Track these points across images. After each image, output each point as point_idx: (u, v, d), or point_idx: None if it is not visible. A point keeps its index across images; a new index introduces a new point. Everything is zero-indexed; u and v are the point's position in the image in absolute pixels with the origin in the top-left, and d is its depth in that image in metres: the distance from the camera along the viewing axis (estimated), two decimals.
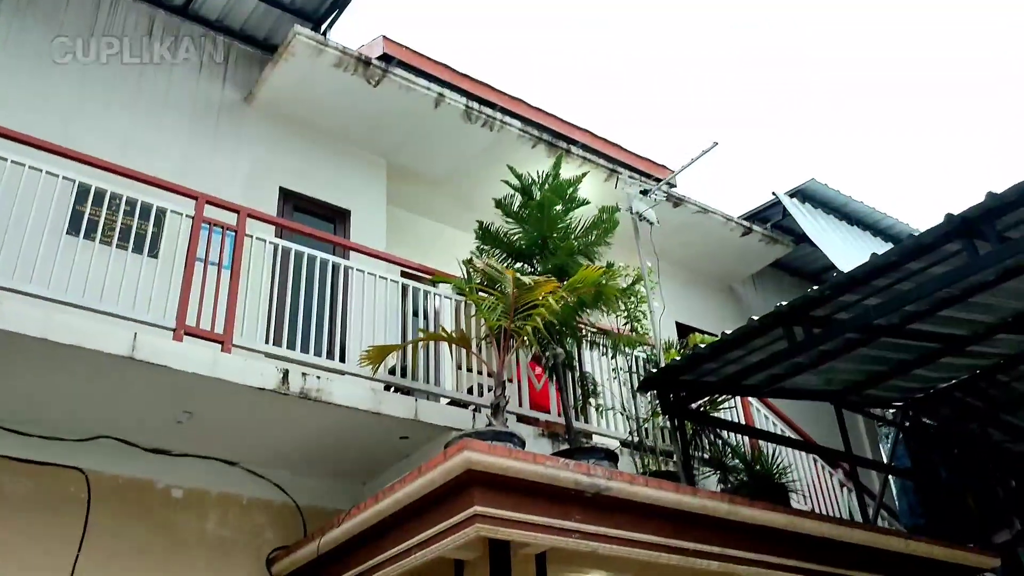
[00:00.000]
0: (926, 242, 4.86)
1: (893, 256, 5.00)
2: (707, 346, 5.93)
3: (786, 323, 5.51)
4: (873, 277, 5.20)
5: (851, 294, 5.39)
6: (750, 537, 5.97)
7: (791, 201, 10.85)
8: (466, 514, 4.79)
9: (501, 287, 5.90)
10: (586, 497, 5.19)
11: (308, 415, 6.08)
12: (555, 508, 5.08)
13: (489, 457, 4.82)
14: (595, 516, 5.22)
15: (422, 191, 9.77)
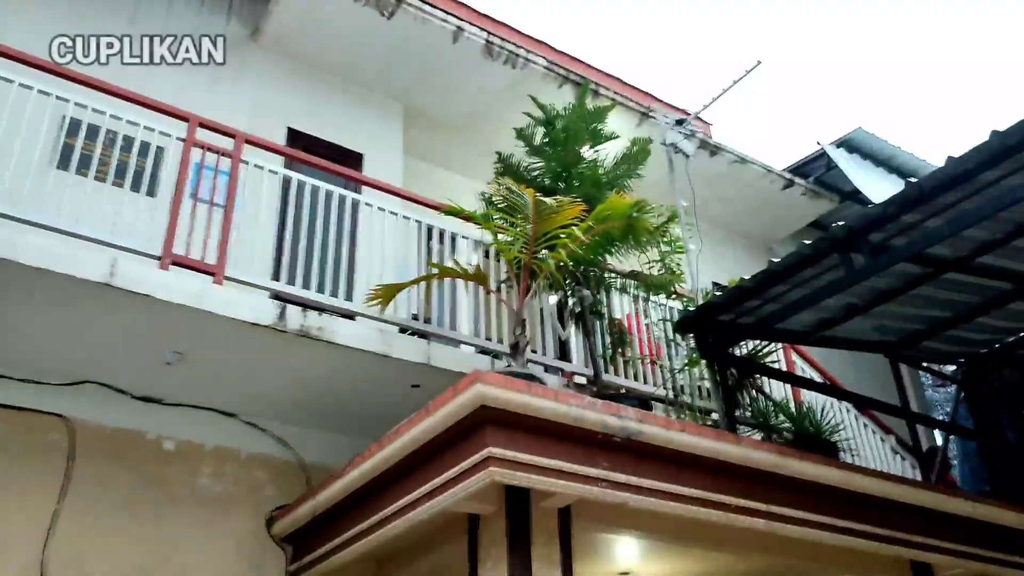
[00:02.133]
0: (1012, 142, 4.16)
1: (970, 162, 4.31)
2: (752, 278, 5.28)
3: (843, 248, 4.84)
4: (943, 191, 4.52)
5: (915, 212, 4.71)
6: (800, 494, 5.34)
7: (838, 151, 10.11)
8: (479, 456, 4.21)
9: (521, 214, 5.30)
10: (615, 442, 4.59)
11: (310, 358, 5.54)
12: (580, 453, 4.48)
13: (505, 392, 4.23)
14: (625, 464, 4.62)
15: (439, 139, 9.18)
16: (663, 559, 6.22)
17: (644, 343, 6.78)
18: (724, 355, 5.84)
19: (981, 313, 6.65)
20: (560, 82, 8.64)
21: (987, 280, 5.95)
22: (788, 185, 10.52)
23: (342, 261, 6.01)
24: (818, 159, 10.67)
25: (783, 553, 5.74)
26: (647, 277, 6.42)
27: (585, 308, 6.33)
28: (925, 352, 7.29)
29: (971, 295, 6.19)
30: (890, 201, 4.64)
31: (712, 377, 5.74)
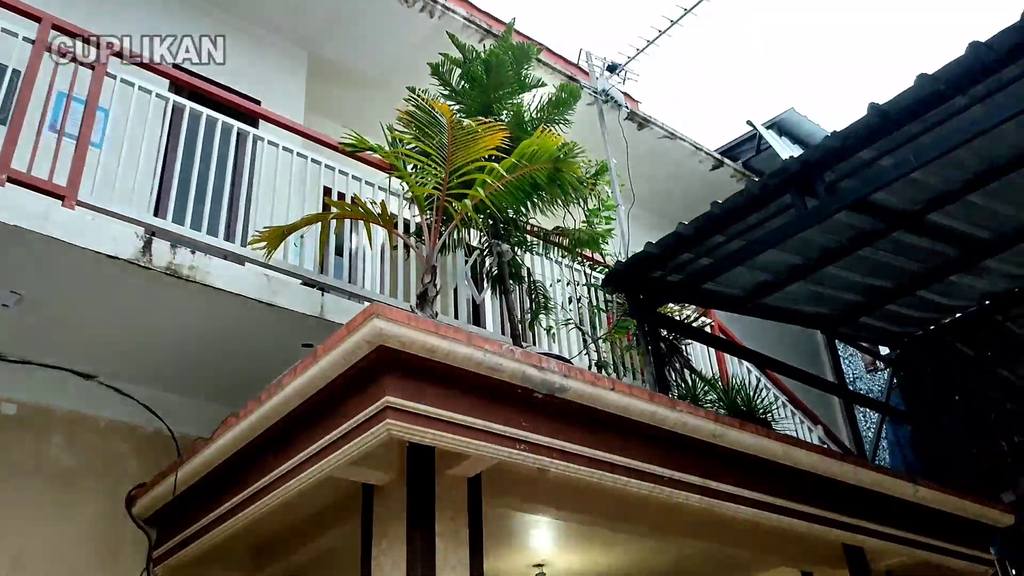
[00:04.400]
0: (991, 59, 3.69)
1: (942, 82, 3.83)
2: (691, 224, 4.72)
3: (796, 187, 4.32)
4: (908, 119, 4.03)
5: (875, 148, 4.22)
6: (737, 468, 4.78)
7: (769, 132, 9.74)
8: (375, 407, 3.49)
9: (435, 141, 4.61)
10: (536, 399, 3.93)
11: (183, 306, 4.73)
12: (495, 410, 3.80)
13: (409, 331, 3.52)
14: (547, 425, 3.96)
15: (350, 96, 8.41)
16: (583, 547, 5.61)
17: (567, 308, 6.15)
18: (655, 315, 5.26)
19: (922, 285, 6.29)
20: (481, 35, 7.97)
21: (934, 243, 5.57)
22: (717, 166, 10.09)
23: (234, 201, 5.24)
24: (747, 141, 10.30)
25: (714, 538, 5.20)
26: (573, 233, 5.80)
27: (504, 267, 5.67)
28: (862, 330, 6.89)
29: (916, 261, 5.80)
30: (849, 133, 4.14)
31: (642, 337, 5.16)
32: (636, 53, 6.79)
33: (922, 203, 4.99)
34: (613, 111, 7.99)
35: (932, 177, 4.71)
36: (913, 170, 4.21)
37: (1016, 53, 3.73)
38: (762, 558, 5.66)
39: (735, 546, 5.34)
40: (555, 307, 6.05)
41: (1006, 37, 3.70)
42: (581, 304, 6.28)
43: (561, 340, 6.13)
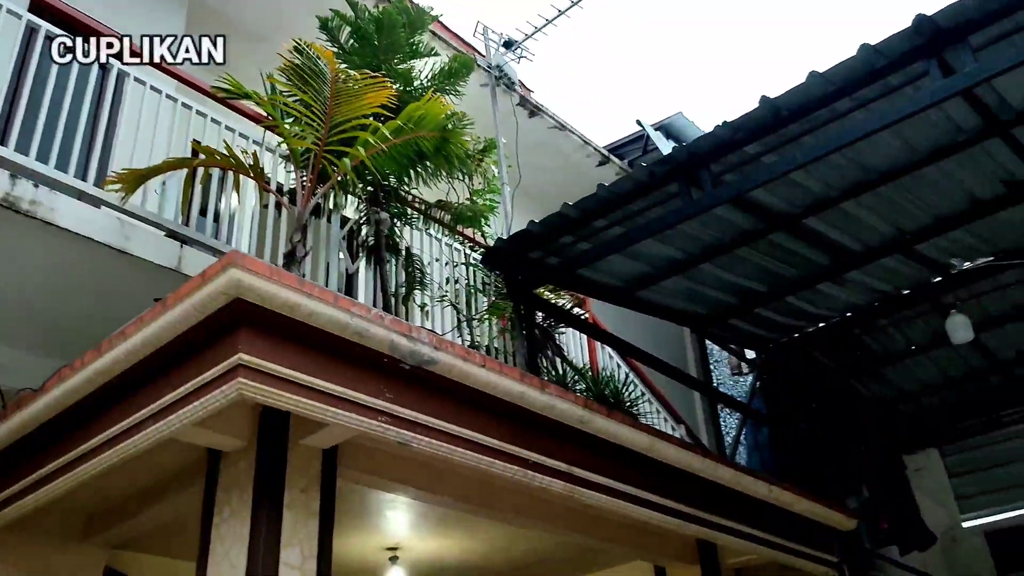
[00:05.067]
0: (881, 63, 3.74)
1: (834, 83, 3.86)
2: (576, 205, 4.62)
3: (684, 176, 4.28)
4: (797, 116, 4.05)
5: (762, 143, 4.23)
6: (603, 457, 4.71)
7: (656, 134, 9.84)
8: (227, 364, 3.21)
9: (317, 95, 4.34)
10: (403, 370, 3.73)
11: (22, 246, 4.29)
12: (359, 378, 3.58)
13: (270, 285, 3.25)
14: (412, 398, 3.76)
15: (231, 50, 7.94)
16: (440, 532, 5.45)
17: (443, 287, 5.98)
18: (532, 297, 5.15)
19: (792, 291, 6.44)
20: None
21: (808, 249, 5.69)
22: (604, 162, 10.13)
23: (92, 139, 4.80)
24: (635, 141, 10.38)
25: (574, 528, 5.13)
26: (456, 207, 5.62)
27: (381, 238, 5.45)
28: (731, 331, 7.01)
29: (789, 266, 5.92)
30: (739, 125, 4.13)
31: (517, 319, 5.04)
32: (533, 31, 6.68)
33: (800, 207, 5.08)
34: (506, 96, 7.87)
35: (812, 181, 4.78)
36: (795, 169, 4.25)
37: (903, 60, 3.79)
38: (619, 551, 5.65)
39: (593, 537, 5.30)
40: (431, 284, 5.86)
41: (895, 43, 3.76)
42: (458, 283, 6.11)
43: (434, 318, 5.95)
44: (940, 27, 3.89)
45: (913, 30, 3.76)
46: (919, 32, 3.85)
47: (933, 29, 3.88)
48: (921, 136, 4.89)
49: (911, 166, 5.16)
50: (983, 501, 10.18)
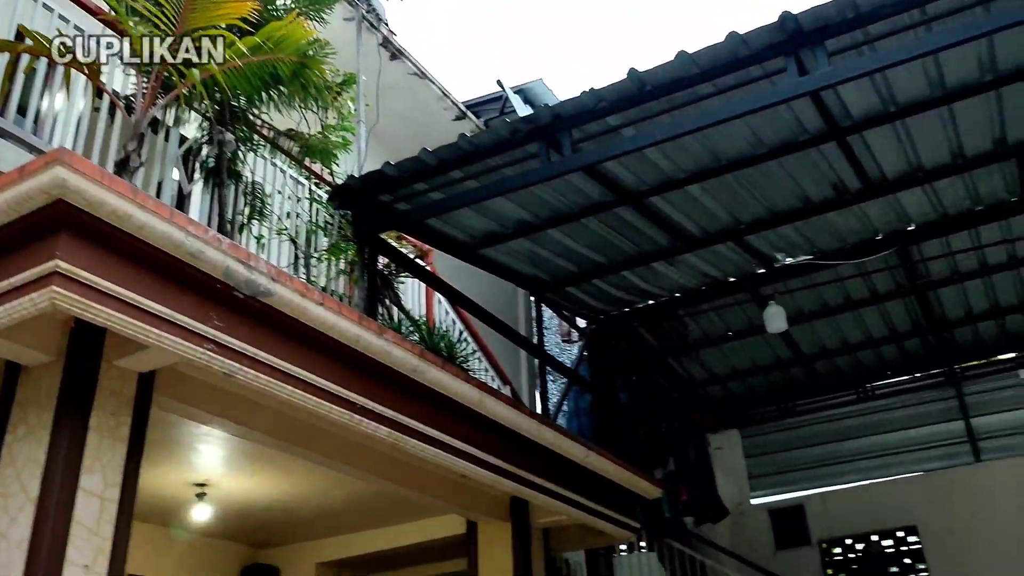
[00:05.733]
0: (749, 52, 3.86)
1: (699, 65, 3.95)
2: (434, 152, 4.54)
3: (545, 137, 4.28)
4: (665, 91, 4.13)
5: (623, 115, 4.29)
6: (431, 408, 4.69)
7: (516, 97, 9.83)
8: (41, 270, 2.92)
9: None
10: (236, 298, 3.53)
11: None
12: (187, 301, 3.36)
13: (99, 190, 2.98)
14: (243, 329, 3.58)
15: None
16: (254, 469, 5.27)
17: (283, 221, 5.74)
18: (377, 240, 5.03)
19: (630, 267, 6.62)
20: None
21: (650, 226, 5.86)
22: (460, 117, 10.01)
23: None
24: (493, 102, 10.33)
25: (394, 476, 5.10)
26: (307, 139, 5.39)
27: (223, 160, 5.14)
28: (567, 299, 7.16)
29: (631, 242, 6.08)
30: (604, 94, 4.16)
31: (360, 261, 4.91)
32: None
33: (649, 184, 5.20)
34: (370, 35, 7.61)
35: (664, 160, 4.91)
36: (652, 145, 4.35)
37: (765, 54, 3.93)
38: (435, 503, 5.67)
39: (411, 488, 5.30)
40: (271, 216, 5.61)
41: (760, 36, 3.89)
42: (299, 219, 5.88)
43: (272, 252, 5.71)
44: (801, 27, 4.07)
45: (778, 26, 3.91)
46: (783, 28, 4.01)
47: (795, 28, 4.04)
48: (770, 130, 5.12)
49: (756, 158, 5.40)
50: (770, 482, 10.99)
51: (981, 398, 10.30)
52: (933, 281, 8.47)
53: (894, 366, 10.35)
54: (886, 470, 10.46)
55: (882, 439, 10.63)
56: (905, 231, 7.22)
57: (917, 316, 9.18)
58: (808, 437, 11.01)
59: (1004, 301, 9.00)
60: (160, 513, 5.53)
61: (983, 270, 8.35)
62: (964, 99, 5.46)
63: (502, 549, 5.96)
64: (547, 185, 4.96)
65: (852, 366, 10.23)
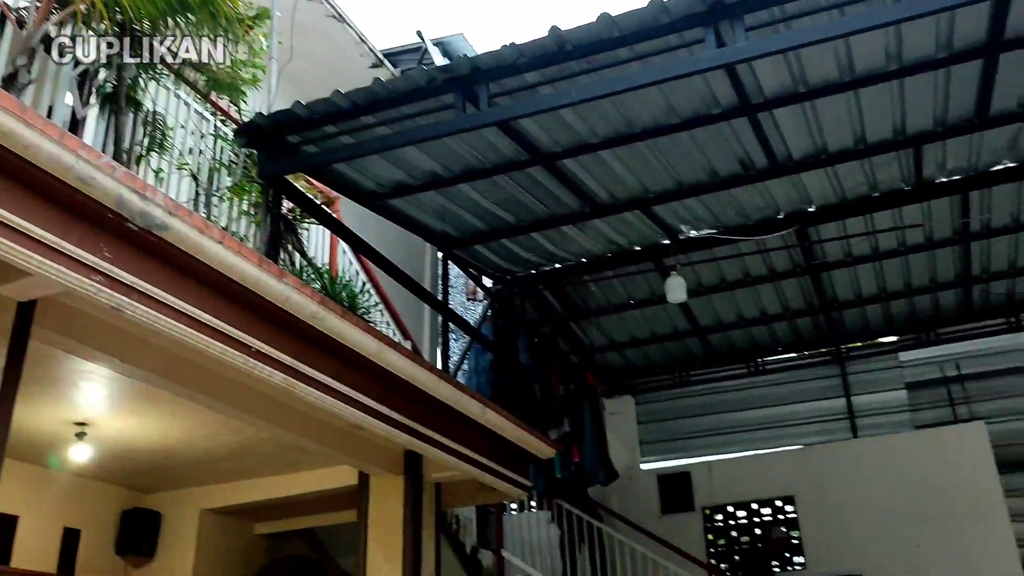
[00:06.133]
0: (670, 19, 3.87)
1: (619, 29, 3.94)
2: (347, 95, 4.42)
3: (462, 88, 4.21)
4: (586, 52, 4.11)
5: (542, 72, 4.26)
6: (329, 357, 4.61)
7: (435, 49, 9.66)
8: None
9: None
10: (129, 230, 3.37)
11: None
12: (77, 230, 3.20)
13: None
14: (136, 263, 3.43)
15: None
16: (139, 410, 5.09)
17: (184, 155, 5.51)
18: (283, 182, 4.89)
19: (538, 228, 6.63)
20: None
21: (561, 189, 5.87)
22: (377, 65, 9.79)
23: None
24: (411, 52, 10.14)
25: (287, 424, 5.01)
26: (216, 73, 5.17)
27: (123, 86, 4.89)
28: (474, 257, 7.13)
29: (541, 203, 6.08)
30: (526, 49, 4.12)
31: (264, 203, 4.76)
32: None
33: (564, 146, 5.20)
34: None
35: (579, 123, 4.91)
36: (568, 105, 4.33)
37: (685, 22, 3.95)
38: (327, 453, 5.61)
39: (303, 436, 5.22)
40: (172, 149, 5.38)
41: (682, 4, 3.90)
42: (202, 155, 5.66)
43: (171, 187, 5.49)
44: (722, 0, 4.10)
45: None
46: None
47: (716, 0, 4.07)
48: (684, 101, 5.18)
49: (669, 128, 5.46)
50: (660, 448, 11.32)
51: (862, 378, 10.79)
52: (827, 263, 8.78)
53: (785, 343, 10.74)
54: (770, 442, 10.89)
55: (768, 412, 11.04)
56: (805, 212, 7.44)
57: (810, 296, 9.51)
58: (699, 407, 11.35)
59: (891, 287, 9.41)
60: (36, 452, 5.31)
61: (874, 255, 8.69)
62: (869, 86, 5.63)
63: (393, 502, 5.96)
64: (461, 139, 4.90)
65: (745, 340, 10.57)
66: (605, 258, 7.94)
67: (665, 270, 8.09)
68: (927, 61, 5.48)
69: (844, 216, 7.69)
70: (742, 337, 10.49)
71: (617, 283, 8.93)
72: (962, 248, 8.56)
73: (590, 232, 7.09)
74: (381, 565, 5.93)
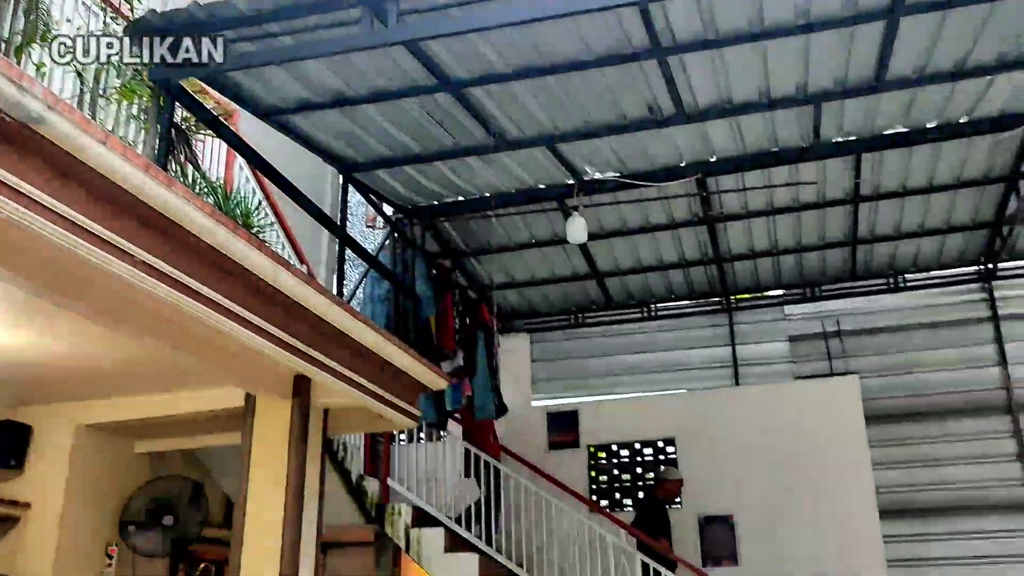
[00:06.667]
0: None
1: None
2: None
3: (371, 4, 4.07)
4: None
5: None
6: (220, 274, 4.45)
7: None
8: None
9: None
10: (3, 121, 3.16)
11: None
12: None
13: None
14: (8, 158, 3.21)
15: None
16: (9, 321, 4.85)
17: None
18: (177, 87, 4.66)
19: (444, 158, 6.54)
20: None
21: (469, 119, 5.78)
22: None
23: None
24: None
25: (173, 340, 4.85)
26: None
27: None
28: (377, 184, 6.99)
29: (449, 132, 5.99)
30: None
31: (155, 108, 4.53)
32: None
33: (474, 74, 5.11)
34: None
35: (491, 51, 4.82)
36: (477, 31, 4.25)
37: None
38: (213, 372, 5.48)
39: (191, 354, 5.07)
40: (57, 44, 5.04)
41: None
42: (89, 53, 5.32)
43: (53, 84, 5.16)
44: None
45: None
46: None
47: None
48: (597, 38, 5.14)
49: (581, 65, 5.42)
50: (551, 386, 11.52)
51: (748, 328, 11.17)
52: (724, 215, 9.00)
53: (678, 291, 11.02)
54: (657, 386, 11.20)
55: (658, 357, 11.35)
56: (707, 161, 7.58)
57: (705, 247, 9.75)
58: (592, 349, 11.58)
59: (782, 243, 9.73)
60: None
61: (769, 211, 8.95)
62: (777, 39, 5.72)
63: (280, 425, 5.88)
64: (368, 57, 4.74)
65: (641, 286, 10.79)
66: (509, 194, 7.92)
67: (568, 211, 8.14)
68: (833, 20, 5.60)
69: (743, 169, 7.87)
70: (638, 283, 10.70)
71: (520, 220, 8.94)
72: (851, 209, 8.89)
73: (496, 166, 7.04)
74: (264, 488, 5.86)
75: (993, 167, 8.16)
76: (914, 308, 10.62)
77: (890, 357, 10.53)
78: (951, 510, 9.78)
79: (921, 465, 10.02)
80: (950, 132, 7.23)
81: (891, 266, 10.37)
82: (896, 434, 10.12)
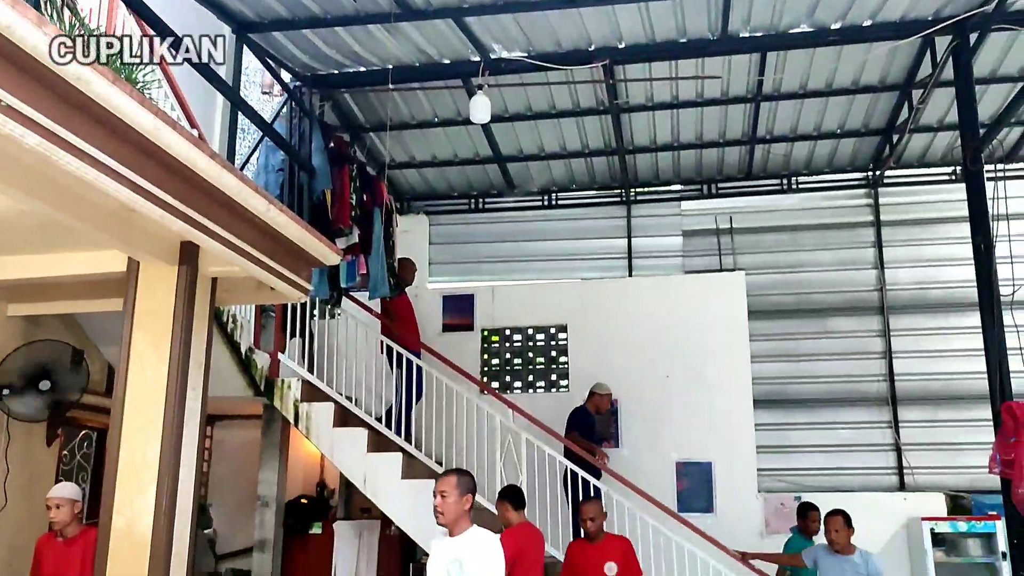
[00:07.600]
0: None
1: None
2: None
3: None
4: None
5: None
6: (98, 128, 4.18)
7: None
8: None
9: None
10: None
11: None
12: None
13: None
14: None
15: None
16: None
17: None
18: None
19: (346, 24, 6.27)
20: None
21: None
22: None
23: None
24: None
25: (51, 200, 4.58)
26: None
27: None
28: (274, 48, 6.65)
29: None
30: None
31: None
32: None
33: None
34: None
35: None
36: None
37: None
38: (94, 235, 5.23)
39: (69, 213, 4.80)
40: None
41: None
42: None
43: None
44: None
45: None
46: None
47: None
48: None
49: None
50: (448, 269, 11.54)
51: (645, 222, 11.35)
52: (629, 105, 8.99)
53: (579, 180, 11.06)
54: (553, 274, 11.35)
55: (556, 245, 11.46)
56: (616, 48, 7.49)
57: (608, 137, 9.76)
58: (490, 234, 11.59)
59: (684, 137, 9.83)
60: None
61: (673, 104, 8.99)
62: None
63: (164, 292, 5.70)
64: None
65: (543, 173, 10.78)
66: (413, 68, 7.68)
67: (472, 90, 7.97)
68: None
69: (651, 58, 7.83)
70: (540, 170, 10.68)
71: (423, 97, 8.73)
72: (753, 107, 9.01)
73: (400, 37, 6.79)
74: (147, 355, 5.72)
75: (889, 74, 8.36)
76: (804, 209, 10.99)
77: (778, 255, 10.92)
78: (820, 402, 10.41)
79: (797, 360, 10.57)
80: (852, 35, 7.34)
81: (785, 167, 10.64)
82: (777, 329, 10.61)
